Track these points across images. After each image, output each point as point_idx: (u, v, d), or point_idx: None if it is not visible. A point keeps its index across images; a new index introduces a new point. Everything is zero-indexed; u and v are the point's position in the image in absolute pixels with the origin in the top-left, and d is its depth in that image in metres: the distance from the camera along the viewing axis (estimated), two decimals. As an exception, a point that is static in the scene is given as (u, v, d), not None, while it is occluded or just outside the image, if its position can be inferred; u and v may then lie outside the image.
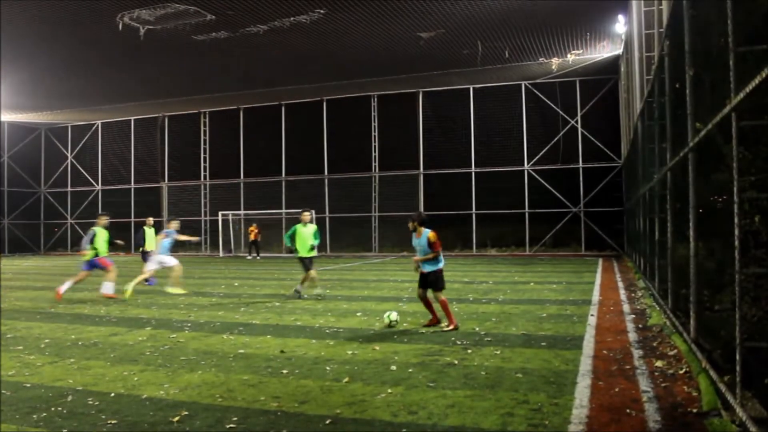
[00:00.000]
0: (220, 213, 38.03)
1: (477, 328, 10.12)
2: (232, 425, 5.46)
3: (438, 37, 24.82)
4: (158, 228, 19.89)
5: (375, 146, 36.54)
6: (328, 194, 37.10)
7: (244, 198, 39.29)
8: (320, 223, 36.00)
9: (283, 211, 37.01)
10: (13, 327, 11.14)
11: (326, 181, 37.30)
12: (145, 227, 20.18)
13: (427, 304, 10.52)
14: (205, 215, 39.62)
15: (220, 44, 25.21)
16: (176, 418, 5.67)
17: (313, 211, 31.45)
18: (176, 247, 18.11)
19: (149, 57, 27.32)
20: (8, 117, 41.67)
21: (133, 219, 42.67)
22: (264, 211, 36.62)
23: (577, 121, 32.69)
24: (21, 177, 45.38)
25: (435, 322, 10.43)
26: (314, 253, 14.79)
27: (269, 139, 38.63)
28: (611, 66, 29.22)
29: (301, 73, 30.84)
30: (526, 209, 33.21)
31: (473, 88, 34.25)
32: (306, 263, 14.55)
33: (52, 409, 6.08)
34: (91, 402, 6.28)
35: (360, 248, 36.09)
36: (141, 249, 19.91)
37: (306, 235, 14.59)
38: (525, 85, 33.38)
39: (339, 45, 25.87)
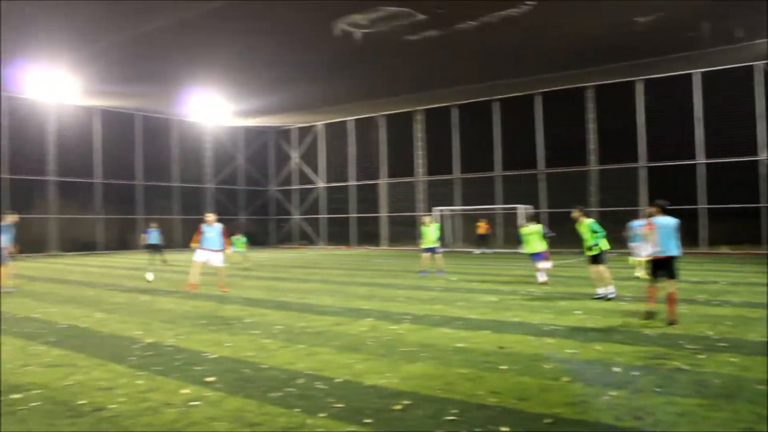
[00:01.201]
0: (434, 209, 38.75)
1: (709, 332, 9.37)
2: (451, 417, 5.52)
3: (657, 21, 23.30)
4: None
5: (593, 138, 35.13)
6: (544, 189, 36.33)
7: (459, 194, 39.70)
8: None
9: (498, 206, 36.88)
10: (250, 313, 12.17)
11: (542, 175, 36.55)
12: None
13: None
14: (421, 211, 40.52)
15: (432, 43, 25.62)
16: (398, 407, 5.84)
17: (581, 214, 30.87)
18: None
19: (364, 59, 28.49)
20: (244, 122, 45.75)
21: (352, 215, 44.93)
22: (479, 207, 36.76)
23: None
24: (254, 177, 49.77)
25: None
26: (596, 251, 14.11)
27: (482, 134, 38.64)
28: None
29: (513, 67, 30.48)
30: (765, 203, 30.18)
31: (699, 72, 31.73)
32: (597, 259, 14.05)
33: (286, 389, 6.53)
34: (319, 386, 6.65)
35: (577, 244, 34.91)
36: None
37: (588, 230, 14.11)
38: (761, 65, 30.26)
39: (550, 36, 25.21)
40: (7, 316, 12.34)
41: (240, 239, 26.44)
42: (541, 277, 17.10)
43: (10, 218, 16.88)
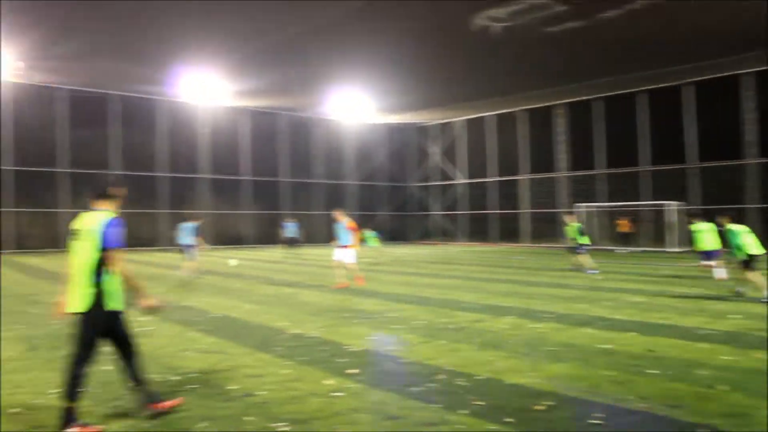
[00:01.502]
0: (576, 205, 37.65)
1: None
2: (596, 421, 5.32)
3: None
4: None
5: (751, 129, 32.69)
6: (695, 184, 34.25)
7: (602, 189, 38.29)
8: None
9: (644, 202, 35.24)
10: (391, 308, 12.32)
11: (693, 170, 34.47)
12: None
13: None
14: (562, 207, 39.49)
15: (572, 34, 24.83)
16: (541, 407, 5.70)
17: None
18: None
19: (504, 53, 28.07)
20: (384, 119, 46.48)
21: (492, 211, 44.52)
22: (623, 203, 35.23)
23: None
24: (394, 173, 50.44)
25: None
26: (744, 256, 13.35)
27: (624, 127, 37.02)
28: None
29: (658, 56, 28.92)
30: None
31: None
32: (747, 264, 13.35)
33: (427, 384, 6.56)
34: (459, 382, 6.63)
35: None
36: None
37: (734, 235, 13.52)
38: None
39: (701, 21, 23.67)
40: (169, 304, 13.21)
41: (371, 234, 26.95)
42: (719, 274, 16.27)
43: (197, 219, 19.51)
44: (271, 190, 43.60)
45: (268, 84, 34.52)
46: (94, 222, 5.39)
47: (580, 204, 37.52)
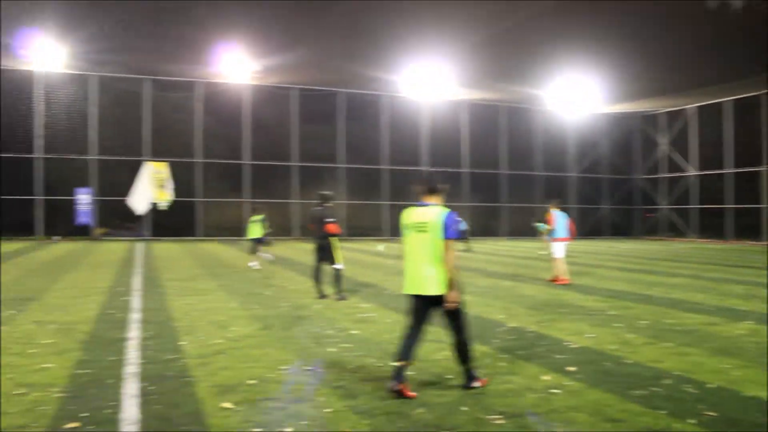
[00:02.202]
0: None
1: None
2: None
3: None
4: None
5: None
6: None
7: None
8: None
9: None
10: (613, 305, 11.80)
11: None
12: None
13: None
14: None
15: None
16: (784, 425, 5.17)
17: None
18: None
19: (742, 34, 25.66)
20: (607, 109, 44.54)
21: (729, 205, 41.06)
22: None
23: None
24: (617, 165, 48.13)
25: None
26: None
27: None
28: None
29: None
30: None
31: None
32: None
33: (651, 388, 6.21)
34: (687, 389, 6.20)
35: None
36: None
37: None
38: None
39: None
40: (388, 292, 13.73)
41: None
42: None
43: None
44: (490, 182, 43.70)
45: (488, 76, 34.57)
46: (433, 215, 6.08)
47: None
